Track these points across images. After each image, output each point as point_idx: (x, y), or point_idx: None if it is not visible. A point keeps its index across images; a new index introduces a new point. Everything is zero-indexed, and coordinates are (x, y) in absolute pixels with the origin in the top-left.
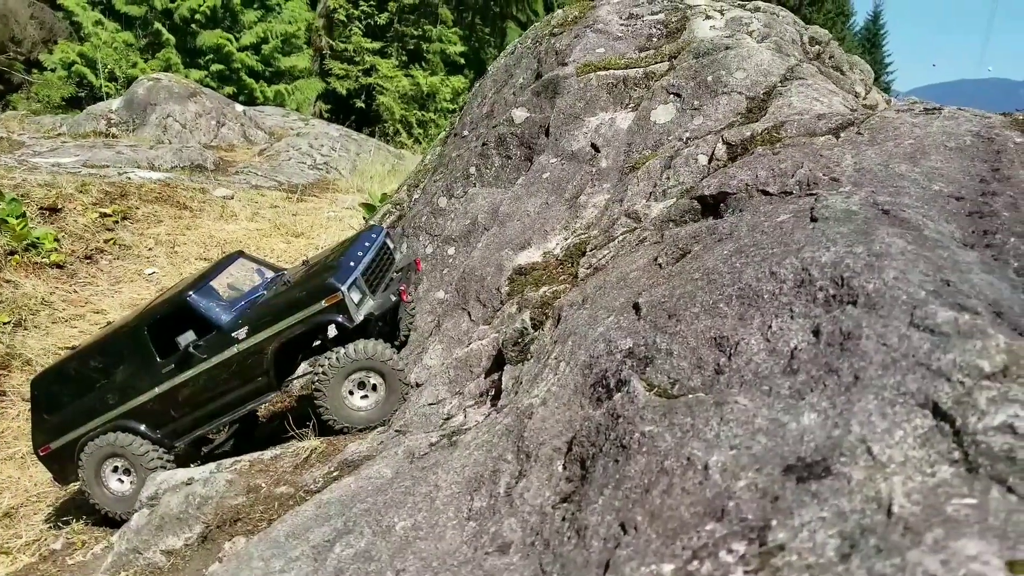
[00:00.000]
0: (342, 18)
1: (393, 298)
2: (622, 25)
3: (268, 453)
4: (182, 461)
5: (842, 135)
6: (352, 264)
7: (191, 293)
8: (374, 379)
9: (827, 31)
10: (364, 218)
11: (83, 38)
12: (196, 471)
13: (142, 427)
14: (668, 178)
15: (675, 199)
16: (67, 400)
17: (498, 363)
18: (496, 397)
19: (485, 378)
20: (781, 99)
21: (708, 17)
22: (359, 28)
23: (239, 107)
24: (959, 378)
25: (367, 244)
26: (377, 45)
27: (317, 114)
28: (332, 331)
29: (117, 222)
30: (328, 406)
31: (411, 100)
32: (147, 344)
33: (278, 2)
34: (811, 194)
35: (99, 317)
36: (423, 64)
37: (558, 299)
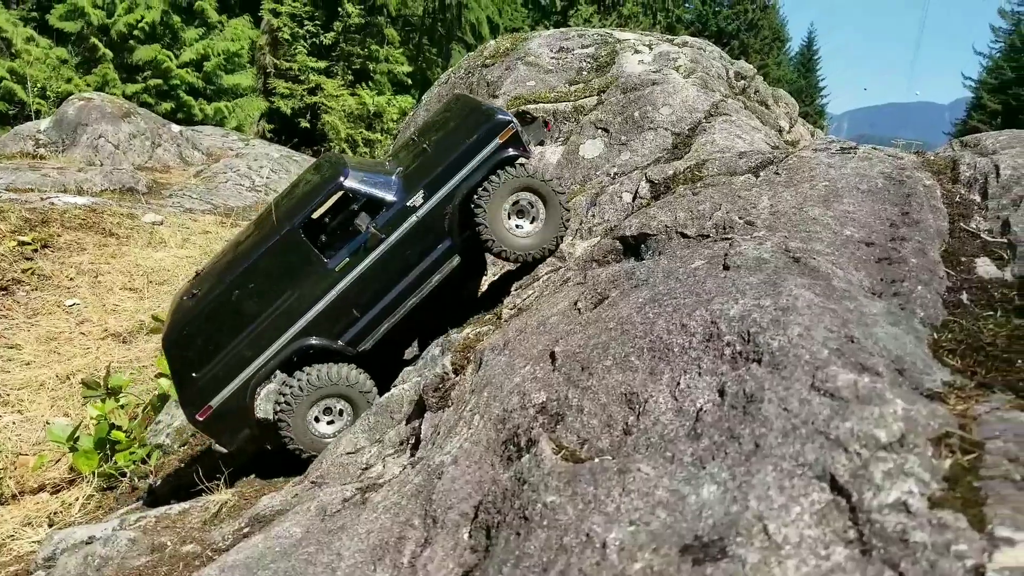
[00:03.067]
0: (287, 37)
1: (545, 129)
2: (552, 58)
3: (176, 508)
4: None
5: (761, 175)
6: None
7: (342, 177)
8: (536, 205)
9: (752, 66)
10: None
11: (14, 55)
12: (97, 528)
13: (322, 341)
14: (593, 215)
15: (599, 238)
16: (216, 348)
17: (420, 409)
18: (416, 446)
19: (406, 425)
20: (705, 136)
21: (637, 52)
22: (304, 47)
23: (176, 127)
24: (856, 449)
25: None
26: (323, 64)
27: (260, 133)
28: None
29: (36, 251)
30: (492, 232)
31: (357, 119)
32: (307, 246)
33: (220, 20)
34: (726, 238)
35: (13, 352)
36: (370, 84)
37: (480, 342)
